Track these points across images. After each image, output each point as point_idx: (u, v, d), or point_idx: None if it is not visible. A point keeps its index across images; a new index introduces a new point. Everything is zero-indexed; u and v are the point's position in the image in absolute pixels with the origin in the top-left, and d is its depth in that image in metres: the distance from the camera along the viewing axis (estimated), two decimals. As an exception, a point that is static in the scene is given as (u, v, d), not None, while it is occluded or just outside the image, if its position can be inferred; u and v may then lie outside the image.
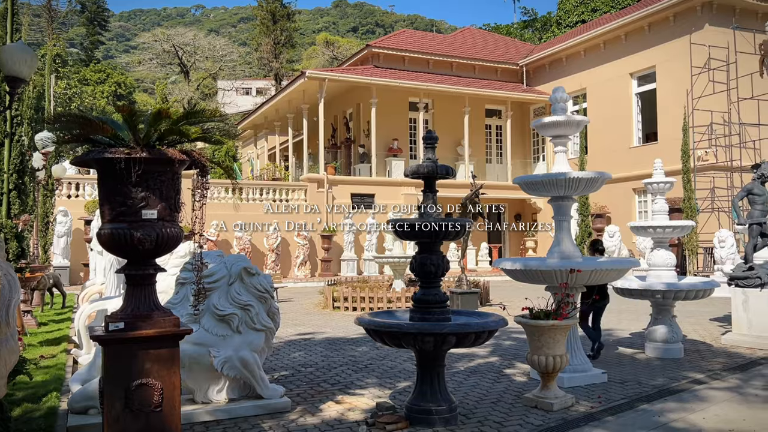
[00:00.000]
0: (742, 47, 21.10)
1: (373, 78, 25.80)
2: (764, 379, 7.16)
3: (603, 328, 10.97)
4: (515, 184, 7.63)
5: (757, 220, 9.36)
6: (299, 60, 63.03)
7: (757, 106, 20.84)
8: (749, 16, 22.51)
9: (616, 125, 25.23)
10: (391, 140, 27.23)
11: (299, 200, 24.09)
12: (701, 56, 21.24)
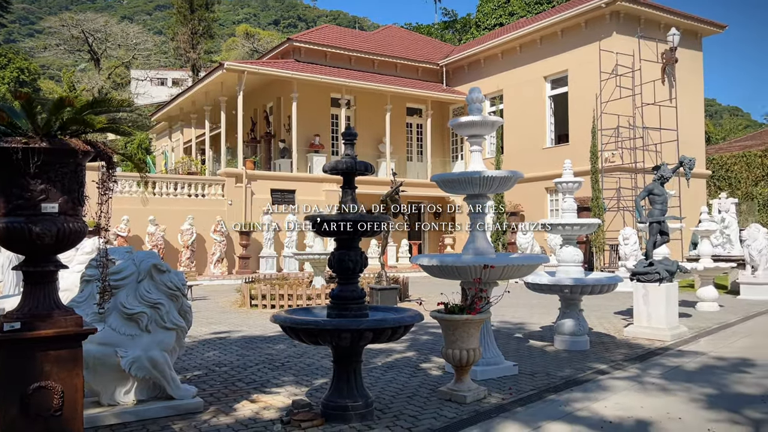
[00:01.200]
0: (646, 55, 22.37)
1: (294, 72, 25.51)
2: (661, 368, 7.63)
3: (515, 322, 11.40)
4: (433, 181, 7.75)
5: (657, 219, 9.95)
6: (218, 51, 61.41)
7: (659, 111, 22.15)
8: (653, 27, 23.89)
9: (530, 126, 26.15)
10: (313, 136, 27.04)
11: (216, 195, 23.50)
12: (609, 62, 22.35)
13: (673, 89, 22.63)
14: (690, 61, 24.87)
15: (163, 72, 61.21)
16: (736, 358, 8.14)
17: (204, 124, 30.35)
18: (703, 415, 5.66)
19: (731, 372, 7.33)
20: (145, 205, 20.30)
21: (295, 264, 21.86)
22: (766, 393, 6.36)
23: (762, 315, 12.18)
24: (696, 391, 6.45)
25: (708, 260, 13.74)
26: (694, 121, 25.06)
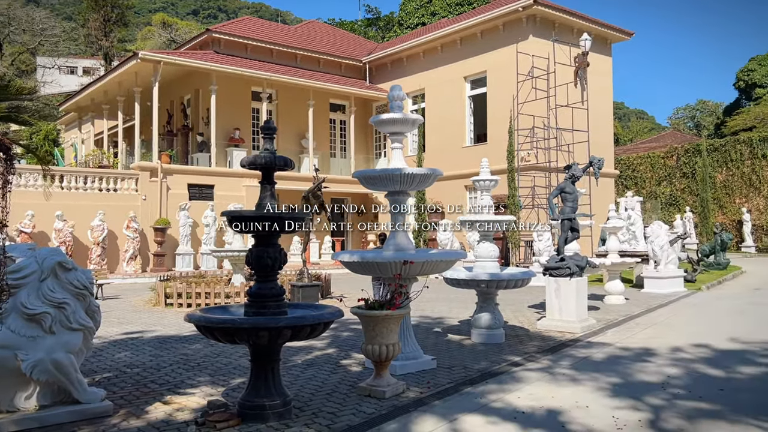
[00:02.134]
0: (560, 59, 23.26)
1: (213, 64, 24.83)
2: (571, 359, 7.97)
3: (435, 317, 11.59)
4: (354, 178, 7.75)
5: (568, 216, 10.37)
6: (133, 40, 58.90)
7: (571, 113, 23.10)
8: (567, 31, 24.89)
9: (451, 125, 26.66)
10: (233, 129, 26.44)
11: (130, 190, 22.54)
12: (526, 64, 23.10)
13: (585, 92, 23.67)
14: (600, 66, 26.09)
15: (73, 60, 58.04)
16: (639, 348, 8.61)
17: (117, 116, 29.03)
18: (609, 403, 5.95)
19: (634, 361, 7.75)
20: (48, 200, 19.11)
21: (214, 261, 21.29)
22: (665, 381, 6.76)
23: (663, 307, 12.94)
24: (602, 381, 6.77)
25: (615, 255, 14.48)
26: (603, 123, 26.32)
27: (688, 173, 34.63)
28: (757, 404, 5.85)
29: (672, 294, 14.80)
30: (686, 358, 7.88)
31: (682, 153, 35.27)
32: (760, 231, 30.87)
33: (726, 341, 8.96)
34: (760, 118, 46.48)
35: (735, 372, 7.15)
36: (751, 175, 31.71)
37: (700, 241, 31.06)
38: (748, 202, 31.69)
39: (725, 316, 11.69)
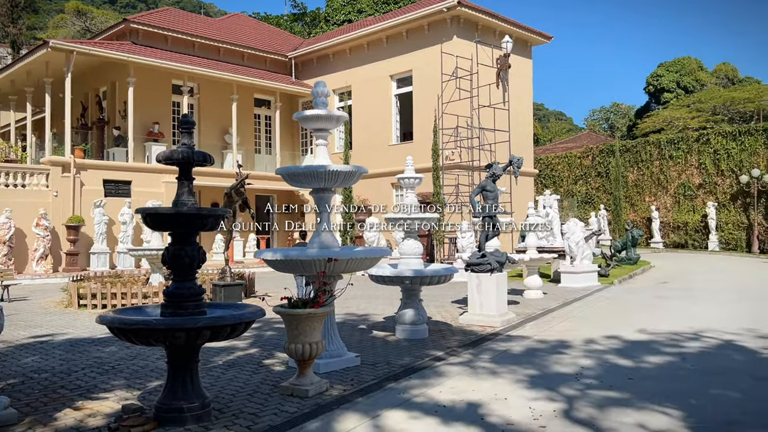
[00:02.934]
0: (483, 60, 23.81)
1: (130, 55, 23.84)
2: (491, 352, 8.18)
3: (360, 314, 11.61)
4: (278, 174, 7.64)
5: (489, 213, 10.64)
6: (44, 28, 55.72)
7: (493, 113, 23.71)
8: (489, 33, 25.51)
9: (378, 123, 26.78)
10: (152, 123, 25.51)
11: (39, 186, 21.32)
12: (450, 65, 23.50)
13: (506, 93, 24.34)
14: (521, 68, 26.90)
15: (-24, 47, 54.28)
16: (555, 340, 8.95)
17: (25, 107, 27.41)
18: (526, 394, 6.14)
19: (551, 353, 8.04)
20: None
21: (131, 260, 20.49)
22: (579, 371, 7.06)
23: (578, 300, 13.50)
24: (521, 373, 6.99)
25: (534, 252, 14.98)
26: (524, 123, 27.18)
27: (602, 173, 36.25)
28: (661, 391, 6.19)
29: (587, 288, 15.46)
30: (598, 350, 8.25)
31: (597, 153, 36.88)
32: (667, 228, 32.74)
33: (635, 332, 9.45)
34: (667, 121, 49.29)
35: (642, 361, 7.55)
36: (660, 174, 33.57)
37: (613, 237, 32.59)
38: (657, 201, 33.55)
39: (634, 308, 12.33)
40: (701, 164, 31.71)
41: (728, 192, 30.56)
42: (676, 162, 32.86)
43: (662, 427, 5.13)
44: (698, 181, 31.90)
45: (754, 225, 28.91)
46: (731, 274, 19.26)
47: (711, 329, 9.65)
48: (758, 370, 7.09)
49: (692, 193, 32.08)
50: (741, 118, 47.25)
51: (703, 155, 31.66)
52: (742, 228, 29.72)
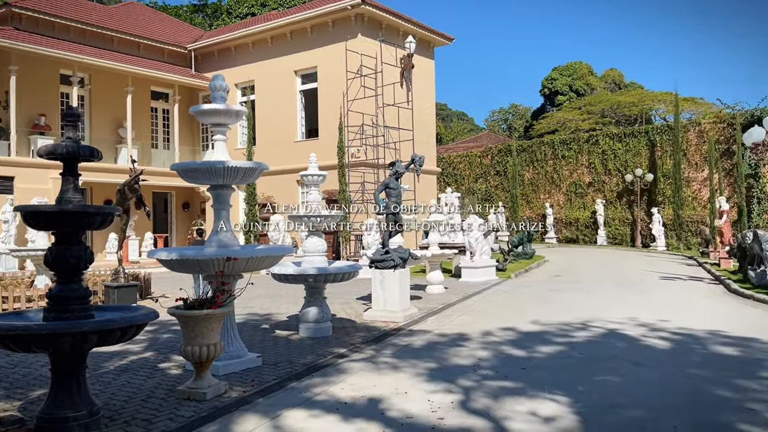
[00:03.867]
0: (387, 59, 24.07)
1: (12, 42, 22.16)
2: (393, 347, 8.29)
3: (263, 313, 11.42)
4: (173, 170, 7.36)
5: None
6: None
7: (397, 112, 24.04)
8: (393, 33, 25.82)
9: (282, 119, 26.43)
10: (38, 115, 23.85)
11: None
12: (355, 62, 23.58)
13: (410, 92, 24.74)
14: (424, 68, 27.43)
15: None
16: (455, 333, 9.21)
17: None
18: (426, 387, 6.28)
19: (450, 346, 8.27)
20: None
21: (14, 262, 19.07)
22: (476, 363, 7.30)
23: (477, 294, 13.97)
24: (421, 367, 7.13)
25: (436, 248, 15.34)
26: (427, 122, 27.75)
27: (501, 171, 37.69)
28: (551, 379, 6.52)
29: (486, 282, 16.02)
30: (495, 341, 8.57)
31: (495, 153, 38.30)
32: (560, 224, 34.54)
33: (529, 324, 9.89)
34: (561, 122, 51.99)
35: (535, 351, 7.92)
36: (553, 173, 35.35)
37: (511, 233, 34.02)
38: (551, 198, 35.31)
39: (529, 301, 12.91)
40: (591, 164, 33.68)
41: (615, 190, 32.66)
42: (568, 161, 34.71)
43: (551, 414, 5.41)
44: (588, 180, 33.87)
45: (637, 221, 31.08)
46: (616, 267, 20.59)
47: (598, 319, 10.28)
48: (637, 356, 7.63)
49: (583, 191, 34.01)
50: (626, 120, 50.63)
51: (592, 155, 33.64)
52: (627, 223, 31.86)
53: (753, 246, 15.28)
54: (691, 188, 29.87)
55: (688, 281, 16.36)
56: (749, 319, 10.34)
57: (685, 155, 29.90)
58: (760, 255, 14.85)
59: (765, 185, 26.23)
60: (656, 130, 31.96)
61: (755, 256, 15.23)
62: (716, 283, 15.91)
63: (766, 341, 8.39)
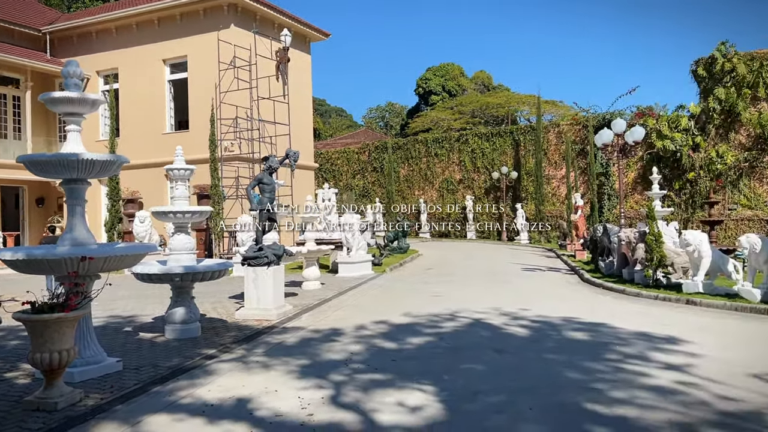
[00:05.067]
0: (262, 51, 23.57)
1: None
2: (266, 346, 8.16)
3: (126, 315, 10.79)
4: (20, 162, 6.74)
5: (266, 206, 10.60)
6: None
7: (273, 106, 23.63)
8: (268, 25, 25.33)
9: (150, 110, 25.08)
10: None
11: None
12: (228, 54, 22.88)
13: (286, 86, 24.41)
14: (300, 62, 27.19)
15: None
16: (329, 329, 9.23)
17: None
18: (296, 384, 6.24)
19: (324, 342, 8.28)
20: None
21: None
22: (348, 357, 7.36)
23: (353, 289, 14.10)
24: (293, 364, 7.08)
25: (312, 244, 15.29)
26: (304, 117, 27.55)
27: (377, 168, 38.30)
28: (420, 370, 6.73)
29: (362, 277, 16.21)
30: (368, 335, 8.69)
31: (372, 150, 38.85)
32: (434, 219, 35.74)
33: (401, 316, 10.14)
34: (435, 121, 53.77)
35: (405, 343, 8.13)
36: (427, 170, 36.49)
37: (387, 228, 34.71)
38: (425, 194, 36.43)
39: (403, 294, 13.24)
40: (461, 162, 35.14)
41: (483, 187, 34.32)
42: (441, 159, 35.99)
43: (419, 403, 5.57)
44: (459, 177, 35.32)
45: (503, 216, 32.87)
46: (484, 259, 21.65)
47: (465, 309, 10.75)
48: (499, 344, 8.07)
49: (454, 187, 35.41)
50: (494, 120, 53.37)
51: (462, 154, 35.11)
52: (494, 218, 33.61)
53: (603, 239, 16.68)
54: (551, 185, 32.04)
55: (547, 272, 17.54)
56: (599, 306, 11.28)
57: (546, 154, 32.02)
58: (609, 247, 16.25)
59: (614, 182, 28.71)
60: (520, 131, 33.95)
61: (605, 248, 16.65)
62: (572, 273, 17.19)
63: (612, 326, 9.19)
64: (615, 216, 27.56)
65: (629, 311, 10.62)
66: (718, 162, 25.52)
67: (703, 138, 26.16)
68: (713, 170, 25.67)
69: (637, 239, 13.79)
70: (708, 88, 26.12)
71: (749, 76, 24.91)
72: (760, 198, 25.09)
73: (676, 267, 13.45)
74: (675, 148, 26.44)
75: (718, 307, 10.76)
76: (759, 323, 9.42)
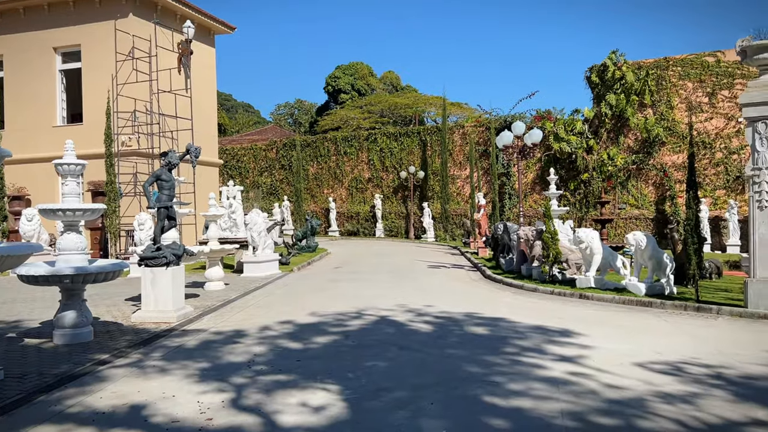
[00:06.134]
0: (163, 43, 22.65)
1: None
2: (164, 349, 7.83)
3: (10, 320, 10.05)
4: None
5: (165, 204, 10.17)
6: None
7: (175, 99, 22.76)
8: (170, 16, 24.34)
9: (39, 101, 23.47)
10: None
11: None
12: (126, 44, 21.80)
13: (189, 80, 23.59)
14: (204, 56, 26.36)
15: None
16: (231, 330, 9.00)
17: None
18: (196, 389, 6.03)
19: (225, 344, 8.06)
20: None
21: None
22: (251, 359, 7.20)
23: (259, 289, 13.83)
24: (192, 367, 6.84)
25: (215, 243, 14.87)
26: (208, 112, 26.74)
27: (286, 165, 37.81)
28: (324, 369, 6.69)
29: (268, 276, 15.94)
30: (272, 336, 8.55)
31: (281, 147, 38.31)
32: (343, 217, 35.75)
33: (307, 316, 10.06)
34: (344, 119, 53.78)
35: (311, 343, 8.06)
36: (336, 169, 36.43)
37: (296, 227, 34.36)
38: (334, 193, 36.36)
39: (310, 293, 13.13)
40: (370, 160, 35.36)
41: (391, 186, 34.70)
42: (350, 158, 36.05)
43: (322, 403, 5.54)
44: (368, 176, 35.52)
45: (410, 214, 33.40)
46: (391, 257, 21.90)
47: (372, 307, 10.82)
48: (404, 341, 8.17)
49: (363, 186, 35.58)
50: (402, 121, 54.11)
51: (371, 153, 35.34)
52: (402, 217, 34.08)
53: (503, 236, 17.31)
54: (456, 185, 32.89)
55: (452, 269, 17.99)
56: (499, 301, 11.68)
57: (451, 155, 32.83)
58: (509, 244, 16.87)
59: (515, 182, 29.88)
60: (427, 131, 34.61)
61: (506, 246, 17.28)
62: (475, 270, 17.72)
63: (511, 320, 9.54)
64: (515, 214, 28.70)
65: (527, 306, 11.08)
66: (609, 164, 27.15)
67: (596, 141, 27.75)
68: (605, 172, 27.28)
69: (535, 237, 14.41)
70: (600, 94, 27.73)
71: (637, 84, 26.67)
72: (646, 198, 26.93)
73: (571, 263, 14.17)
74: (571, 150, 27.87)
75: (608, 301, 11.44)
76: (643, 315, 10.09)
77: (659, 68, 26.92)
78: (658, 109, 26.88)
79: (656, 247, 11.96)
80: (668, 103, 26.69)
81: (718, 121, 25.93)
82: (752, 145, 10.13)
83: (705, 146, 25.86)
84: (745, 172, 10.29)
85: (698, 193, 12.76)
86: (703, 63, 26.20)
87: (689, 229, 11.08)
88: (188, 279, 15.02)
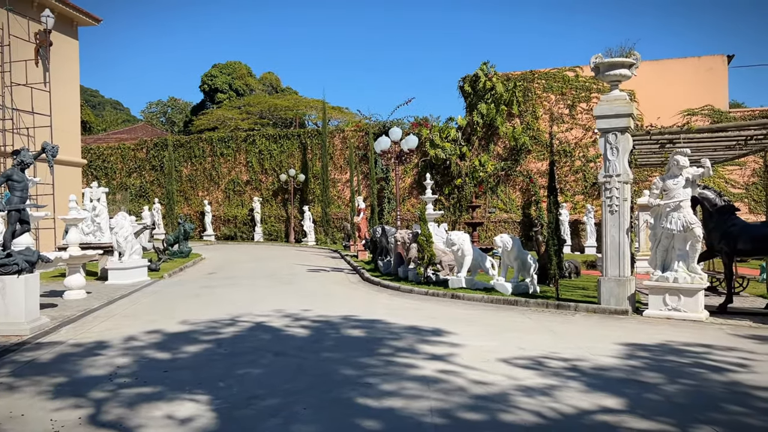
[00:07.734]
0: (17, 32, 20.80)
1: None
2: (13, 365, 7.17)
3: None
4: None
5: (16, 207, 9.35)
6: None
7: (31, 93, 20.97)
8: (25, 3, 22.38)
9: None
10: None
11: None
12: (-27, 30, 19.78)
13: (48, 73, 21.84)
14: (66, 48, 24.52)
15: None
16: (92, 342, 8.41)
17: None
18: (49, 406, 5.57)
19: (86, 357, 7.51)
20: None
21: None
22: (113, 372, 6.76)
23: (125, 297, 13.05)
24: (46, 383, 6.31)
25: (76, 248, 13.87)
26: (70, 108, 24.88)
27: (157, 166, 36.07)
28: (194, 379, 6.43)
29: (136, 284, 15.09)
30: (138, 346, 8.09)
31: (151, 146, 36.50)
32: (219, 221, 34.68)
33: (177, 324, 9.63)
34: (221, 120, 52.23)
35: (180, 352, 7.72)
36: (212, 170, 35.28)
37: (167, 231, 32.84)
38: (209, 195, 35.18)
39: (181, 300, 12.58)
40: (249, 162, 34.62)
41: (271, 188, 34.18)
42: (227, 159, 35.09)
43: (190, 414, 5.31)
44: (246, 178, 34.74)
45: (291, 218, 33.08)
46: (270, 262, 21.55)
47: (247, 313, 10.56)
48: (279, 346, 8.05)
49: (241, 188, 34.75)
50: (283, 123, 53.52)
51: (250, 154, 34.61)
52: (282, 220, 33.67)
53: (382, 239, 17.60)
54: (336, 188, 33.01)
55: (331, 272, 18.02)
56: (376, 303, 11.86)
57: (332, 158, 32.92)
58: (387, 247, 17.19)
59: (393, 187, 30.51)
60: (308, 134, 34.47)
61: (384, 248, 17.58)
62: (354, 272, 17.87)
63: (386, 321, 9.71)
64: (394, 218, 29.29)
65: (403, 307, 11.33)
66: (480, 170, 28.48)
67: (468, 148, 29.01)
68: (476, 177, 28.59)
69: (411, 240, 14.79)
70: (473, 103, 29.04)
71: (506, 95, 28.20)
72: (513, 202, 28.53)
73: (444, 265, 14.69)
74: (445, 156, 28.93)
75: (478, 300, 11.98)
76: (509, 313, 10.67)
77: (526, 80, 28.65)
78: (524, 119, 28.59)
79: (521, 248, 12.71)
80: (534, 113, 28.47)
81: (577, 132, 28.04)
82: (604, 154, 11.04)
83: (565, 155, 27.86)
84: (598, 179, 11.20)
85: (559, 198, 13.72)
86: (564, 77, 28.22)
87: (550, 232, 11.88)
88: (46, 288, 13.90)
